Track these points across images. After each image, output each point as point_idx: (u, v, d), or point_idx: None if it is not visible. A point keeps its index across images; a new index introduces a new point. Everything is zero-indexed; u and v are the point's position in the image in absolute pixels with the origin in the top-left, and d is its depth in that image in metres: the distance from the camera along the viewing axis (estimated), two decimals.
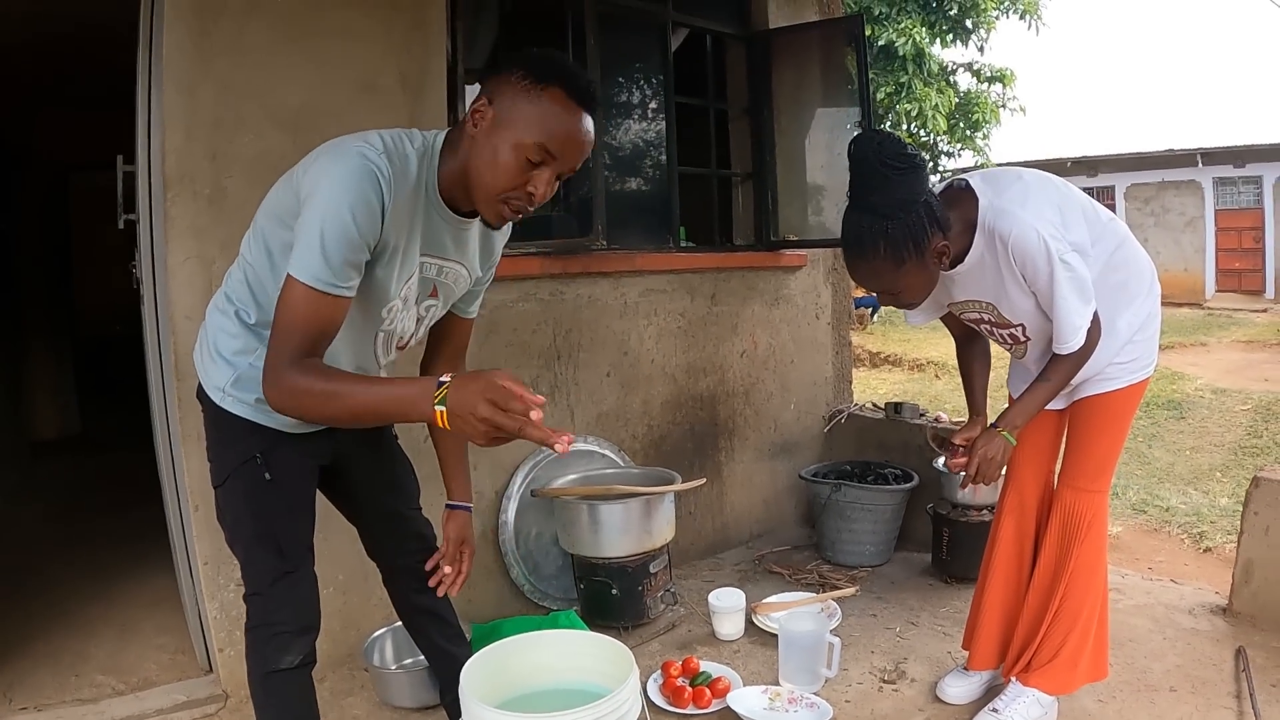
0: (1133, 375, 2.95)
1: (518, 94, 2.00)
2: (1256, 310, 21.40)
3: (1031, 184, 2.77)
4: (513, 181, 2.03)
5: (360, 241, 1.94)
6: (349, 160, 1.96)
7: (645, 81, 5.58)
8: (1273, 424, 9.45)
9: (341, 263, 1.92)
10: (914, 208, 2.55)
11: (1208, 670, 3.46)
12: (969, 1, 14.15)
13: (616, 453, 4.46)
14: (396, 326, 2.29)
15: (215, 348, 2.25)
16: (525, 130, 1.99)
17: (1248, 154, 23.75)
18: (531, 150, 2.00)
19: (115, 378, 7.23)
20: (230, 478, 2.28)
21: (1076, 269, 2.65)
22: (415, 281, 2.23)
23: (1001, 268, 2.75)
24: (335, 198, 1.92)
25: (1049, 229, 2.63)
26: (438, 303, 2.38)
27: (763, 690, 3.27)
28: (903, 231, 2.55)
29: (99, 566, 4.70)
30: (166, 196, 3.16)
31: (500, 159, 2.01)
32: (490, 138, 2.02)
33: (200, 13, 3.18)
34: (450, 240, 2.26)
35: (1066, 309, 2.67)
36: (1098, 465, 3.02)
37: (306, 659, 2.36)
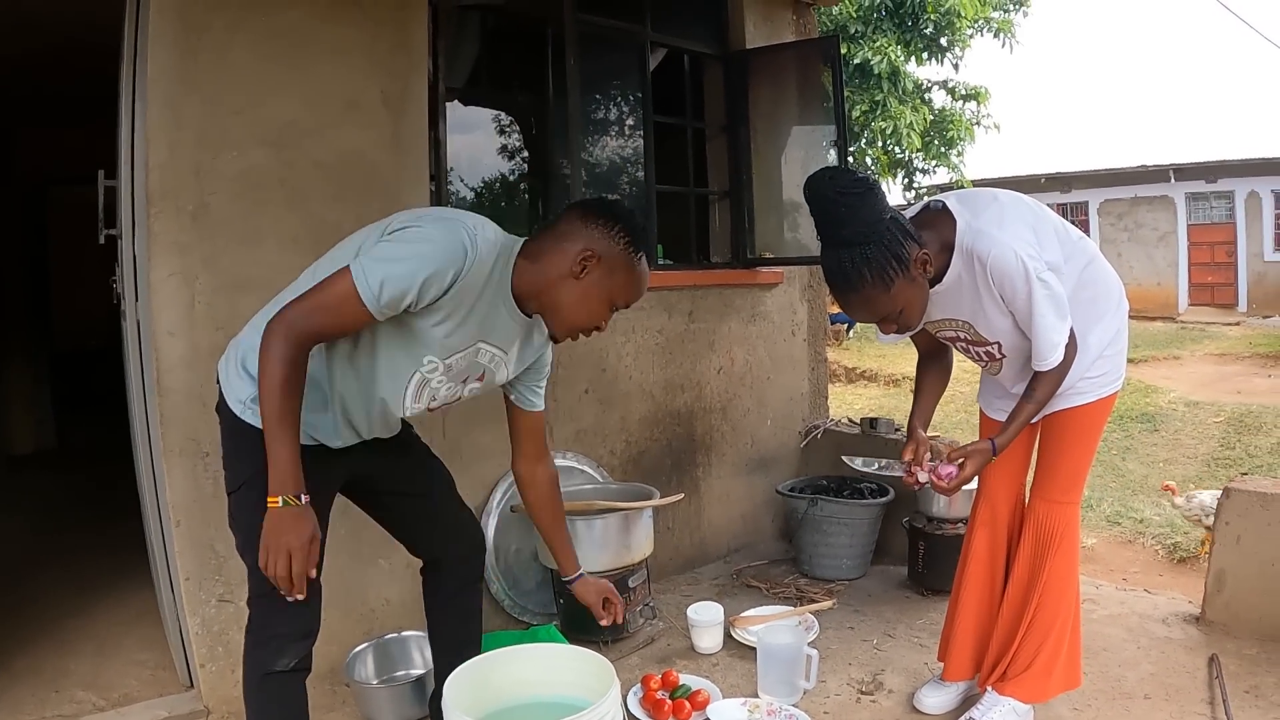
0: (1103, 389, 2.99)
1: (618, 256, 2.41)
2: (1229, 324, 21.51)
3: (1007, 205, 2.80)
4: (596, 323, 2.48)
5: (414, 295, 2.20)
6: (454, 230, 2.26)
7: (624, 100, 5.61)
8: (1245, 436, 9.51)
9: (389, 297, 2.18)
10: (881, 226, 2.57)
11: (1181, 678, 3.51)
12: (944, 20, 14.20)
13: (595, 469, 4.48)
14: (433, 381, 2.47)
15: (243, 364, 2.39)
16: (620, 291, 2.45)
17: (1220, 169, 23.91)
18: (620, 304, 2.49)
19: (92, 392, 7.21)
20: (244, 486, 2.38)
21: (1053, 287, 2.68)
22: (466, 359, 2.48)
23: (979, 287, 2.78)
24: (425, 251, 2.20)
25: (1026, 249, 2.66)
26: (481, 386, 2.62)
27: (742, 703, 3.28)
28: (880, 252, 2.56)
29: (78, 582, 4.68)
30: (149, 212, 3.18)
31: (593, 306, 2.44)
32: (589, 285, 2.41)
33: (185, 29, 3.21)
34: (507, 333, 2.52)
35: (1045, 326, 2.70)
36: (1070, 478, 3.07)
37: (301, 664, 2.43)
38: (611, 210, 2.46)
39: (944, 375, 3.27)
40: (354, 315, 2.21)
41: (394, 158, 3.74)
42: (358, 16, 3.63)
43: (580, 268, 2.38)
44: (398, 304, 2.21)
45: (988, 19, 14.73)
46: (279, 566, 2.17)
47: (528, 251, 2.44)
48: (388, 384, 2.43)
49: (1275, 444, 9.09)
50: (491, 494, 4.10)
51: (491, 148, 5.24)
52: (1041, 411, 2.96)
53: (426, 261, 2.18)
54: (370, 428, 2.54)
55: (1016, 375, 3.01)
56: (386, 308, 2.20)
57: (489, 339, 2.47)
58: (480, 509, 4.05)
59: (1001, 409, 3.14)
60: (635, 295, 2.50)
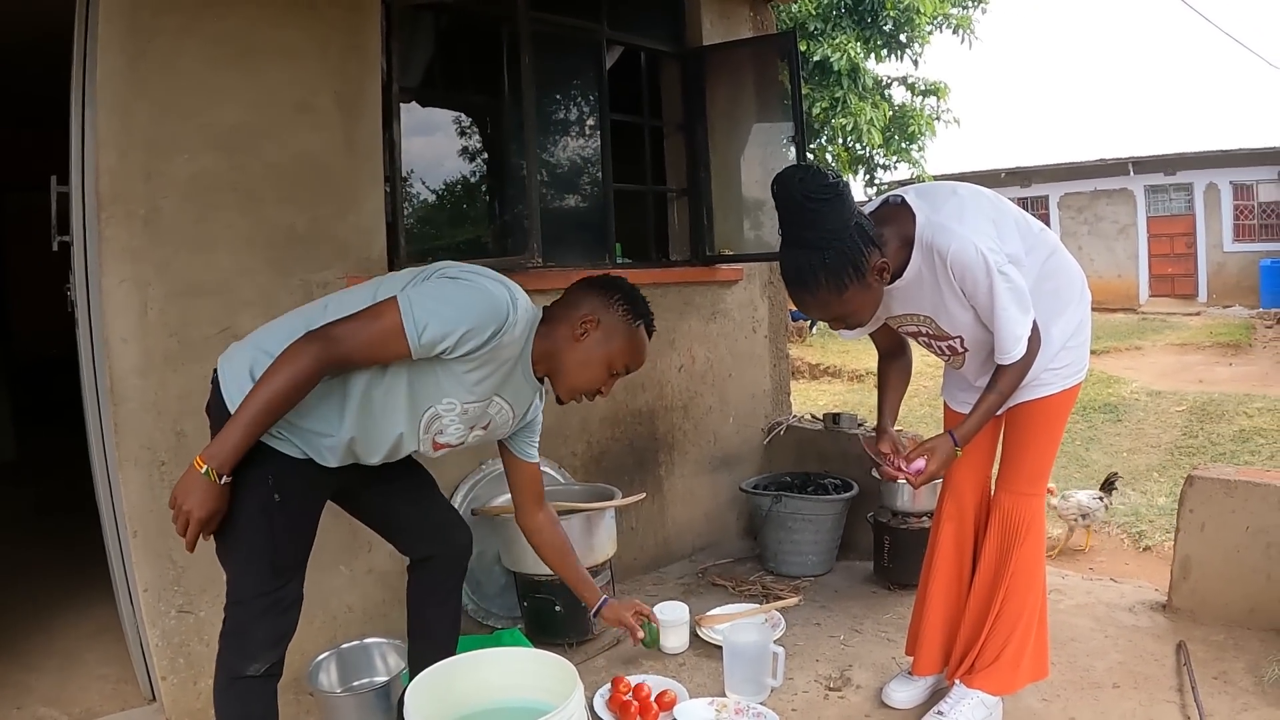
0: (1066, 380, 3.00)
1: (618, 322, 2.61)
2: (1190, 314, 21.69)
3: (966, 199, 2.80)
4: (597, 386, 2.66)
5: (452, 342, 2.31)
6: (500, 291, 2.39)
7: (581, 99, 5.59)
8: (1207, 424, 9.59)
9: (429, 340, 2.29)
10: (845, 234, 2.56)
11: (1150, 666, 3.53)
12: (903, 17, 14.25)
13: (557, 470, 4.46)
14: (442, 416, 2.54)
15: (251, 372, 2.37)
16: (618, 356, 2.63)
17: (1178, 162, 24.14)
18: (619, 368, 2.66)
19: (52, 402, 7.11)
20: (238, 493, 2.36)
21: (1014, 280, 2.69)
22: (481, 409, 2.58)
23: (940, 282, 2.77)
24: (472, 304, 2.33)
25: (987, 242, 2.67)
26: (484, 434, 2.73)
27: (709, 702, 3.28)
28: (838, 259, 2.57)
29: (39, 596, 4.62)
30: (101, 218, 3.14)
31: (594, 369, 2.62)
32: (590, 349, 2.59)
33: (134, 33, 3.17)
34: (519, 393, 2.66)
35: (1006, 319, 2.70)
36: (1034, 469, 3.07)
37: (273, 669, 2.47)
38: (612, 283, 2.67)
39: (905, 372, 3.29)
40: (393, 347, 2.30)
41: (348, 160, 3.71)
42: (309, 18, 3.60)
43: (581, 331, 2.57)
44: (434, 346, 2.30)
45: (946, 15, 14.79)
46: (179, 525, 2.25)
47: (545, 317, 2.62)
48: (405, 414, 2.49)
49: (1237, 432, 9.17)
50: (453, 497, 4.07)
51: (452, 149, 5.22)
52: (1005, 404, 2.97)
53: (472, 313, 2.31)
54: (373, 456, 2.58)
55: (980, 368, 3.02)
56: (425, 348, 2.30)
57: (503, 394, 2.59)
58: None
59: (965, 401, 3.14)
60: (634, 361, 2.67)
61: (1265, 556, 3.76)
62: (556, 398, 2.69)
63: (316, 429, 2.43)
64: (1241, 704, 3.19)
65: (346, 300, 2.46)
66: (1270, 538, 3.74)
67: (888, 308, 2.96)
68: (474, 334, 2.31)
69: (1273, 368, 13.44)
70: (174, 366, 3.28)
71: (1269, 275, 21.69)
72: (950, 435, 2.93)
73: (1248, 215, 23.69)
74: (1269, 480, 3.83)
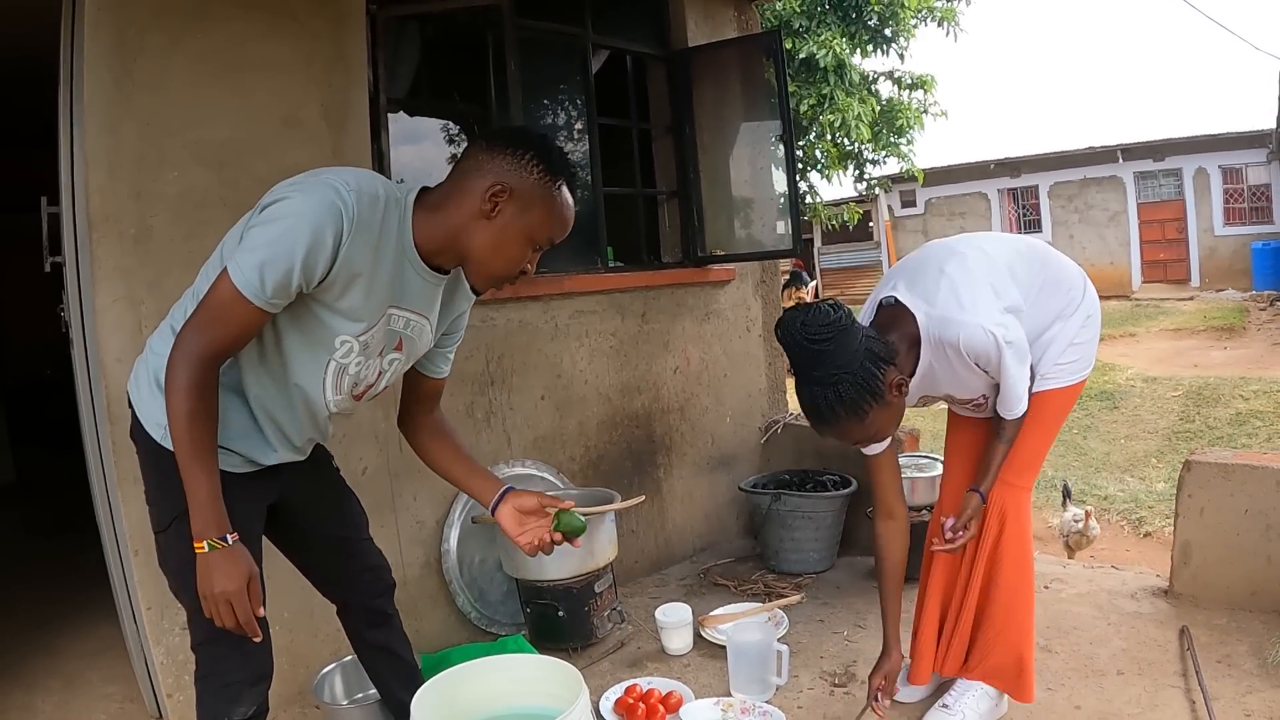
0: (1071, 376, 3.01)
1: (534, 188, 2.15)
2: (1183, 299, 21.76)
3: (956, 276, 2.81)
4: (519, 266, 2.23)
5: (298, 273, 1.99)
6: (319, 192, 2.01)
7: (568, 104, 5.59)
8: (1204, 408, 9.62)
9: (274, 284, 1.97)
10: (855, 364, 2.59)
11: (1153, 652, 3.54)
12: (888, 11, 14.24)
13: (555, 475, 4.45)
14: (350, 366, 2.27)
15: (157, 382, 2.17)
16: (540, 227, 2.18)
17: (1166, 148, 24.13)
18: (542, 240, 2.22)
19: (49, 423, 7.11)
20: (176, 521, 2.17)
21: (1017, 341, 2.74)
22: (381, 331, 2.25)
23: (956, 367, 2.80)
24: (293, 225, 1.97)
25: (992, 318, 2.71)
26: (401, 356, 2.38)
27: (715, 702, 3.26)
28: (853, 391, 2.60)
29: (40, 617, 4.62)
30: (92, 237, 3.13)
31: (511, 248, 2.19)
32: (505, 224, 2.16)
33: (120, 51, 3.16)
34: (420, 294, 2.28)
35: (1013, 381, 2.78)
36: (1025, 461, 3.03)
37: (260, 709, 2.31)
38: (520, 136, 2.21)
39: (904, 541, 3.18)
40: (247, 317, 2.02)
41: None
42: (294, 32, 3.59)
43: (490, 205, 2.14)
44: (286, 289, 2.01)
45: (931, 9, 14.75)
46: (224, 617, 2.05)
47: (426, 201, 2.21)
48: (305, 376, 2.23)
49: (1234, 415, 9.20)
50: (452, 506, 4.07)
51: (441, 157, 5.21)
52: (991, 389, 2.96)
53: (300, 235, 1.97)
54: (301, 431, 2.35)
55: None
56: (275, 298, 2.01)
57: (400, 304, 2.25)
58: (441, 521, 4.03)
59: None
60: (559, 230, 2.25)
61: (1265, 539, 3.77)
62: (471, 288, 2.35)
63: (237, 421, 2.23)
64: (1246, 686, 3.19)
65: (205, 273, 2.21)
66: (1269, 520, 3.75)
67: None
68: (315, 254, 1.98)
69: (1267, 350, 13.49)
70: None
71: (1261, 258, 21.72)
72: (977, 493, 3.00)
73: (1238, 198, 23.72)
74: (1266, 463, 3.84)
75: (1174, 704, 3.14)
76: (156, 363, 2.20)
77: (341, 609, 2.83)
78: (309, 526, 2.63)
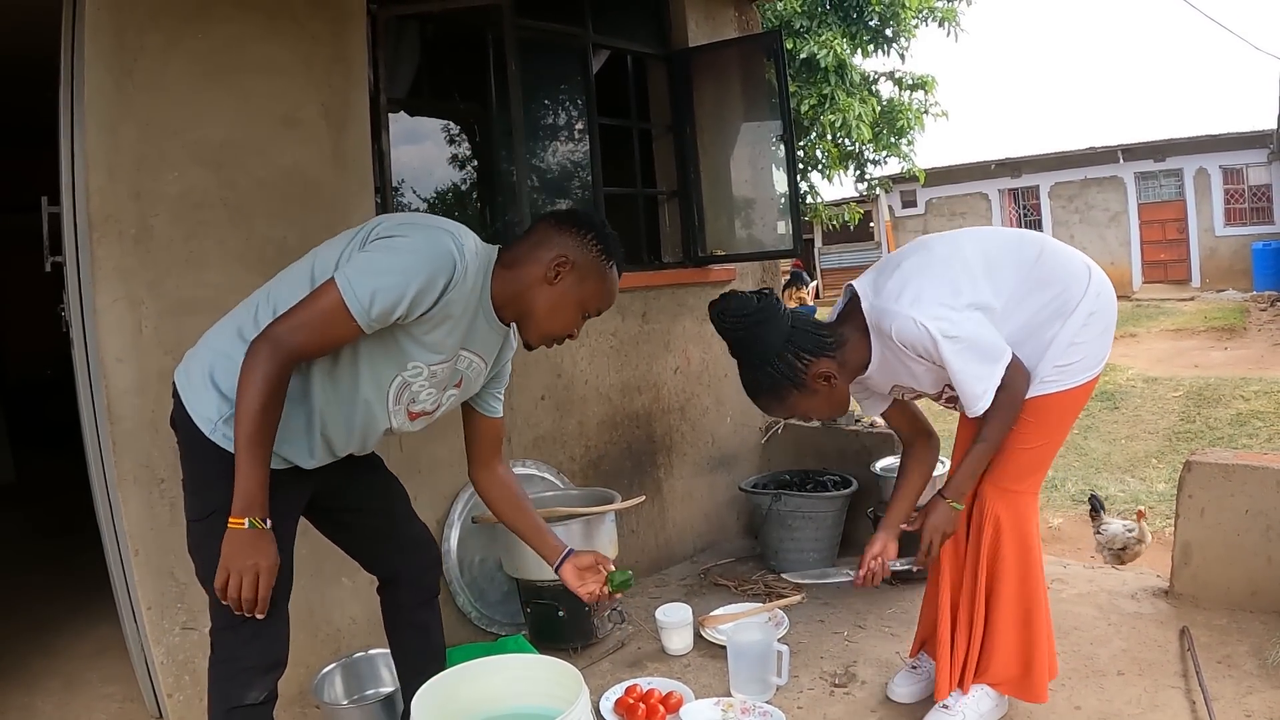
0: (1074, 378, 2.89)
1: (591, 263, 2.45)
2: (1183, 299, 21.77)
3: (909, 270, 2.86)
4: (570, 329, 2.52)
5: (405, 306, 2.18)
6: (439, 238, 2.25)
7: (568, 104, 5.59)
8: (1204, 409, 9.61)
9: (380, 311, 2.17)
10: (772, 353, 2.79)
11: (1154, 652, 3.54)
12: (889, 11, 14.24)
13: (555, 475, 4.46)
14: (415, 386, 2.44)
15: (212, 377, 2.30)
16: (591, 298, 2.48)
17: (1167, 148, 24.14)
18: (592, 309, 2.52)
19: (49, 423, 7.11)
20: (216, 514, 2.23)
21: (967, 338, 2.72)
22: (450, 368, 2.46)
23: (901, 358, 2.85)
24: (412, 264, 2.19)
25: (928, 311, 2.73)
26: (458, 393, 2.59)
27: (715, 703, 3.26)
28: (772, 377, 2.81)
29: (39, 618, 4.62)
30: (92, 237, 3.12)
31: (567, 313, 2.47)
32: (564, 291, 2.44)
33: (120, 51, 3.16)
34: (486, 341, 2.53)
35: (963, 378, 2.76)
36: (1023, 466, 2.96)
37: (270, 696, 2.37)
38: (584, 219, 2.50)
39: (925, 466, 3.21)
40: (343, 330, 2.19)
41: (337, 172, 3.70)
42: (294, 31, 3.59)
43: (555, 274, 2.41)
44: (388, 317, 2.19)
45: (932, 9, 14.75)
46: (245, 589, 2.16)
47: (504, 260, 2.46)
48: (373, 391, 2.39)
49: (1234, 415, 9.19)
50: (452, 506, 4.07)
51: (441, 157, 5.21)
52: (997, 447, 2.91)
53: (417, 272, 2.18)
54: (349, 443, 2.47)
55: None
56: (377, 321, 2.19)
57: (470, 347, 2.48)
58: (441, 521, 4.03)
59: None
60: (607, 302, 2.54)
61: (1265, 539, 3.77)
62: (525, 343, 2.58)
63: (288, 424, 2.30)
64: (1246, 687, 3.19)
65: (287, 280, 2.36)
66: (1270, 520, 3.75)
67: (877, 387, 3.08)
68: (425, 293, 2.20)
69: (1268, 350, 13.48)
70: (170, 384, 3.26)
71: (1261, 258, 21.72)
72: (941, 496, 2.98)
73: (1238, 199, 23.72)
74: (1267, 463, 3.84)
75: (1174, 704, 3.13)
76: (213, 359, 2.33)
77: (388, 584, 2.90)
78: (353, 506, 2.76)
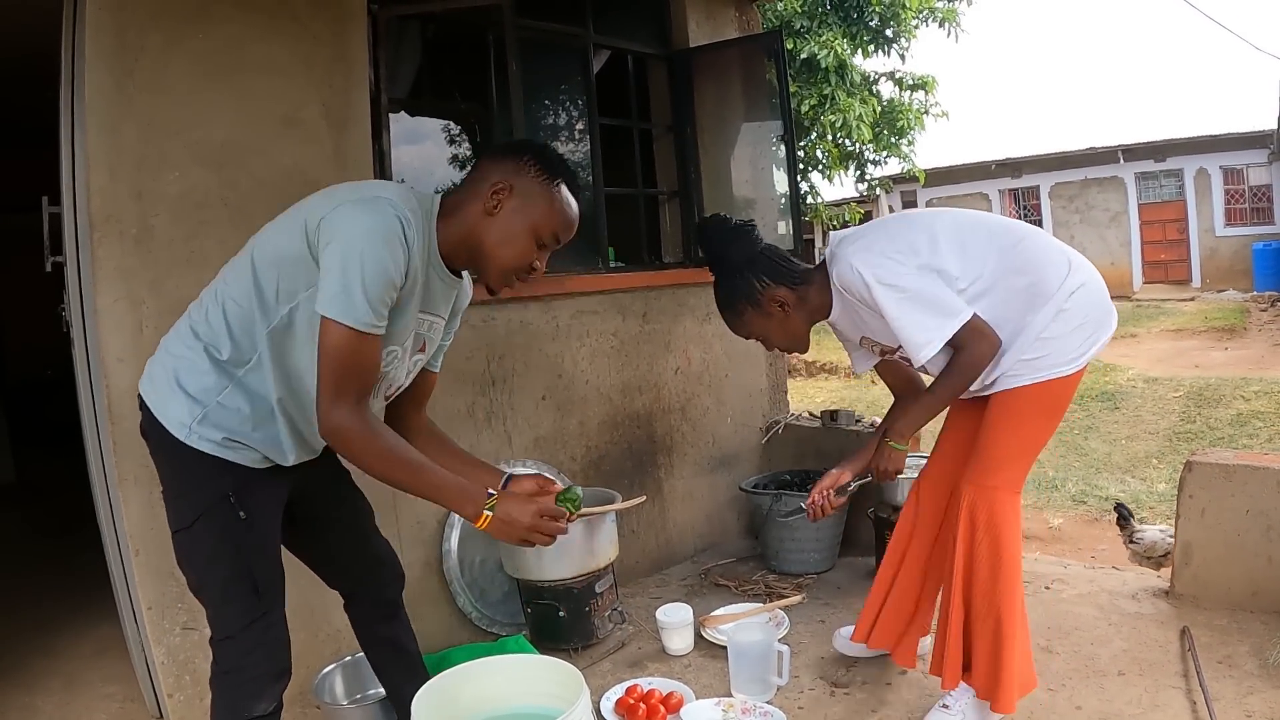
0: (1039, 373, 2.91)
1: (532, 184, 2.30)
2: (1184, 299, 21.79)
3: (872, 230, 3.08)
4: (527, 261, 2.35)
5: (395, 285, 2.13)
6: (384, 211, 2.12)
7: (569, 104, 5.59)
8: (1205, 409, 9.61)
9: (380, 304, 2.10)
10: (734, 270, 3.11)
11: (1154, 652, 3.54)
12: (889, 12, 14.24)
13: (556, 475, 4.44)
14: (390, 371, 2.35)
15: (177, 382, 2.24)
16: (544, 222, 2.31)
17: (1168, 148, 24.17)
18: (546, 237, 2.33)
19: (50, 423, 7.10)
20: (200, 519, 2.23)
21: (910, 289, 2.86)
22: (414, 335, 2.37)
23: (852, 304, 3.07)
24: (375, 245, 2.07)
25: (871, 258, 2.93)
26: (424, 357, 2.50)
27: (715, 703, 3.27)
28: (729, 292, 3.14)
29: (39, 618, 4.62)
30: (93, 237, 3.12)
31: (520, 241, 2.31)
32: (509, 220, 2.29)
33: (121, 51, 3.16)
34: (440, 297, 2.42)
35: (902, 325, 2.89)
36: (996, 459, 2.95)
37: (278, 706, 2.33)
38: (519, 144, 2.39)
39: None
40: (372, 348, 2.14)
41: (337, 172, 3.69)
42: (295, 30, 3.59)
43: (494, 203, 2.28)
44: (391, 300, 2.15)
45: (932, 9, 14.75)
46: (546, 539, 2.31)
47: (445, 208, 2.34)
48: None
49: (1234, 416, 9.19)
50: None
51: (442, 157, 5.21)
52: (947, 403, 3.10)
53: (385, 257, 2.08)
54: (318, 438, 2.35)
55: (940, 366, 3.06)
56: (386, 311, 2.14)
57: (428, 309, 2.39)
58: (442, 521, 4.02)
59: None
60: (562, 225, 2.35)
61: (1266, 539, 3.77)
62: (488, 288, 2.41)
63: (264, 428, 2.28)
64: (1247, 687, 3.19)
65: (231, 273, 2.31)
66: (1270, 521, 3.75)
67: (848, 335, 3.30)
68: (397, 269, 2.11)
69: (1268, 350, 13.49)
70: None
71: (1262, 258, 21.74)
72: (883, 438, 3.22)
73: (1239, 199, 23.75)
74: (1267, 463, 3.84)
75: (1175, 704, 3.14)
76: (175, 363, 2.26)
77: (350, 601, 2.86)
78: (321, 517, 2.67)
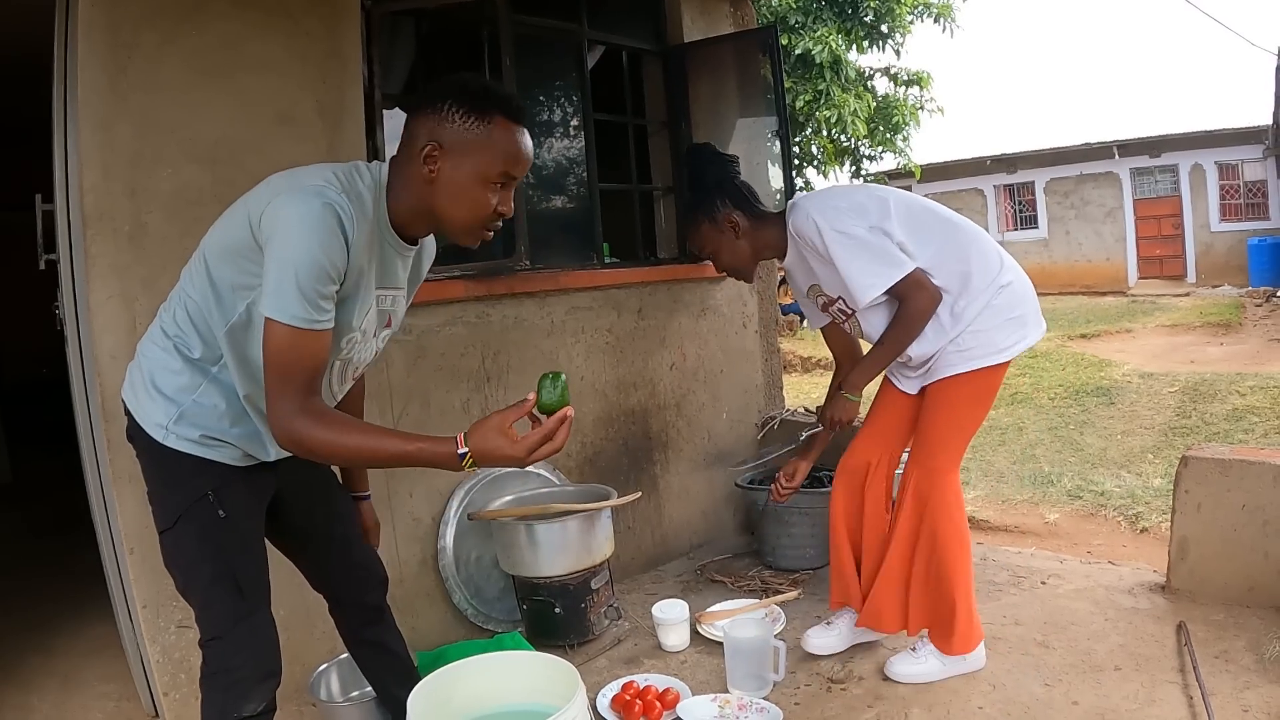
0: (970, 363, 3.25)
1: (464, 131, 2.10)
2: (1179, 295, 21.76)
3: (831, 191, 3.45)
4: (487, 210, 2.16)
5: (331, 276, 1.99)
6: (310, 201, 1.98)
7: (564, 100, 5.59)
8: (1200, 404, 9.59)
9: (317, 297, 1.97)
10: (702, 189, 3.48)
11: (1151, 647, 3.54)
12: (884, 7, 14.26)
13: (551, 471, 4.45)
14: (354, 356, 2.30)
15: (153, 383, 2.21)
16: (487, 164, 2.11)
17: (1163, 144, 24.21)
18: (497, 178, 2.13)
19: (45, 422, 7.08)
20: (181, 519, 2.21)
21: (859, 238, 3.19)
22: (374, 313, 2.27)
23: (805, 253, 3.34)
24: (303, 237, 1.95)
25: (825, 210, 3.22)
26: (390, 330, 2.42)
27: (712, 699, 3.28)
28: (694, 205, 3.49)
29: (37, 617, 4.61)
30: (86, 235, 3.12)
31: (471, 195, 2.13)
32: (452, 177, 2.12)
33: (114, 48, 3.15)
34: (399, 270, 2.32)
35: (848, 268, 3.18)
36: (935, 442, 3.36)
37: (268, 706, 2.29)
38: (436, 90, 2.15)
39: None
40: (316, 343, 2.01)
41: None
42: (289, 27, 3.58)
43: (429, 170, 2.11)
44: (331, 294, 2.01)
45: (927, 4, 14.79)
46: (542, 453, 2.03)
47: (391, 177, 2.21)
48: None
49: (1230, 411, 9.18)
50: (448, 502, 4.06)
51: None
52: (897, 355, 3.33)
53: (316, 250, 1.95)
54: None
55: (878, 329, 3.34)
56: (328, 308, 2.02)
57: (386, 284, 2.28)
58: (438, 519, 4.02)
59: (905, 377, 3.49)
60: (511, 163, 2.16)
61: (1262, 534, 3.77)
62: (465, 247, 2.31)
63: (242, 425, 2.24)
64: (1243, 682, 3.19)
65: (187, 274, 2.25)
66: (1266, 515, 3.75)
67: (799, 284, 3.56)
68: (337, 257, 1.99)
69: (1264, 346, 13.49)
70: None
71: (1257, 253, 21.75)
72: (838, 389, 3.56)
73: (1233, 194, 23.77)
74: (1264, 458, 3.84)
75: (1171, 700, 3.14)
76: (149, 365, 2.24)
77: (334, 605, 2.83)
78: (303, 521, 2.62)
